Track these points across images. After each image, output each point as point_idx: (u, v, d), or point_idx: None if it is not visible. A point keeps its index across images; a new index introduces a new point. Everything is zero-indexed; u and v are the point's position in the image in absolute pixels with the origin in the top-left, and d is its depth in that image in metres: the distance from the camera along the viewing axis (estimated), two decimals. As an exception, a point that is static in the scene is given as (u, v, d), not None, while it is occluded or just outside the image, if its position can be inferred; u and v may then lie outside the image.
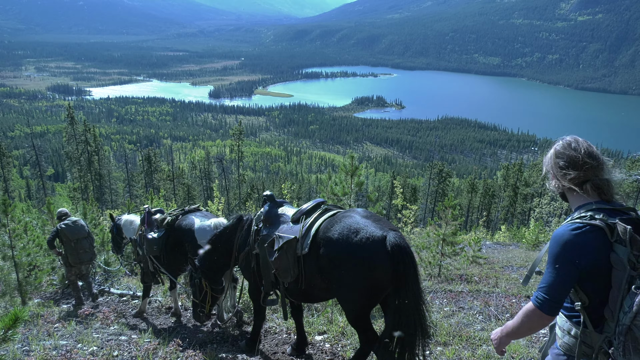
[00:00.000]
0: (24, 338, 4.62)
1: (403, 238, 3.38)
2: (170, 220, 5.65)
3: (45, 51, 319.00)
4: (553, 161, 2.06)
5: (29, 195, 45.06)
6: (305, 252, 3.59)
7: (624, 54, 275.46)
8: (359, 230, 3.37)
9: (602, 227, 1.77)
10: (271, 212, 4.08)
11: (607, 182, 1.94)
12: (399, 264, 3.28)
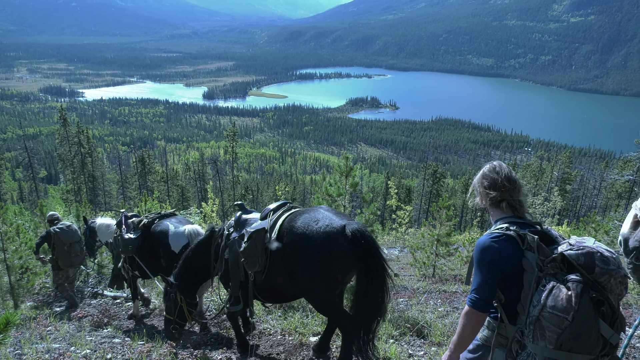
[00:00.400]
0: (16, 341, 4.58)
1: (364, 225, 3.56)
2: (146, 222, 5.75)
3: (38, 53, 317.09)
4: (480, 181, 2.43)
5: (21, 197, 44.71)
6: (272, 239, 3.75)
7: (615, 55, 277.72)
8: (319, 220, 3.60)
9: (515, 237, 2.16)
10: (241, 218, 4.26)
11: (519, 202, 2.34)
12: (361, 248, 3.44)
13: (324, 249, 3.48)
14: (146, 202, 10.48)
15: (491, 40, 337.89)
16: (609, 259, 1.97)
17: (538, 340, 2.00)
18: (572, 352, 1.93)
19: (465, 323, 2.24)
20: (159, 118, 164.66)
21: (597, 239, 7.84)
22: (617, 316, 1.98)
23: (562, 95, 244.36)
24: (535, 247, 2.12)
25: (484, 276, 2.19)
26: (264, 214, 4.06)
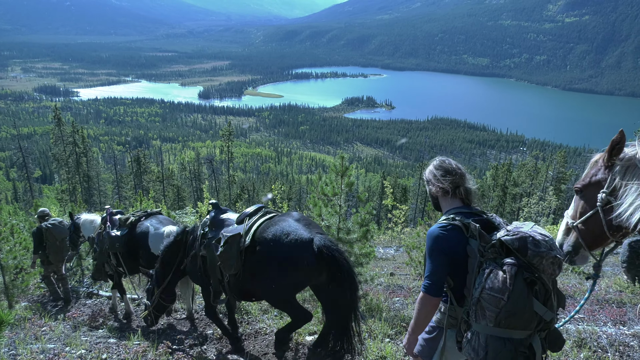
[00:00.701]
0: (10, 342, 4.56)
1: (329, 239, 3.91)
2: (133, 220, 5.94)
3: (32, 52, 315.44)
4: (433, 173, 2.65)
5: (15, 197, 44.50)
6: (246, 245, 4.04)
7: (610, 55, 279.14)
8: (290, 233, 3.90)
9: (460, 226, 2.36)
10: (216, 217, 4.51)
11: (469, 190, 2.57)
12: (325, 262, 3.78)
13: (292, 261, 3.84)
14: (142, 202, 10.45)
15: (486, 40, 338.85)
16: (541, 242, 2.17)
17: (480, 319, 2.19)
18: (509, 328, 2.13)
19: (420, 308, 2.44)
20: (154, 117, 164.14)
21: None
22: (550, 294, 2.18)
23: (557, 95, 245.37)
24: (477, 234, 2.31)
25: (434, 263, 2.38)
26: (240, 218, 4.31)
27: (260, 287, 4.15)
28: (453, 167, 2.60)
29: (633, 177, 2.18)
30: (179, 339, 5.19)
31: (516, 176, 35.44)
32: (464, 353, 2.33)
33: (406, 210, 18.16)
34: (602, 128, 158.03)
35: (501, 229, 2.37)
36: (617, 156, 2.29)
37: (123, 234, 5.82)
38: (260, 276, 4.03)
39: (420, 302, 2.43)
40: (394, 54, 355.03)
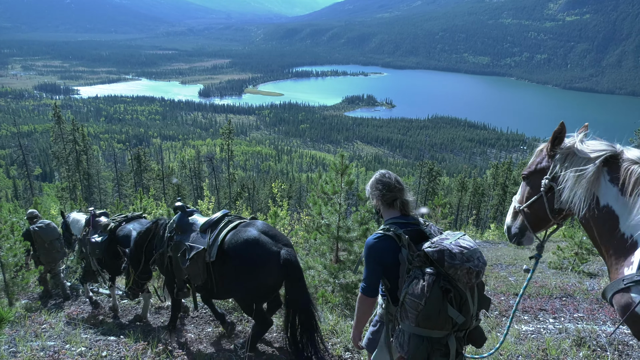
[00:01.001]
0: (10, 339, 4.57)
1: (293, 254, 4.20)
2: (113, 226, 6.06)
3: (32, 50, 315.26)
4: (375, 186, 2.89)
5: (16, 195, 44.51)
6: (212, 259, 4.22)
7: (610, 54, 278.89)
8: (257, 245, 4.10)
9: (393, 236, 2.66)
10: (182, 220, 4.64)
11: (407, 202, 2.85)
12: (288, 275, 4.13)
13: (258, 273, 4.11)
14: (142, 200, 10.47)
15: (487, 39, 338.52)
16: (457, 255, 2.43)
17: (404, 319, 2.52)
18: (427, 328, 2.44)
19: (359, 306, 2.80)
20: (154, 116, 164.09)
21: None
22: (465, 300, 2.46)
23: (557, 93, 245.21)
24: (407, 244, 2.61)
25: (369, 269, 2.70)
26: (204, 227, 4.47)
27: (229, 294, 4.48)
28: (392, 181, 2.86)
29: (571, 164, 2.45)
30: (178, 337, 5.21)
31: (516, 175, 35.42)
32: (394, 346, 2.67)
33: (406, 209, 18.18)
34: (603, 127, 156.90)
35: (432, 238, 2.64)
36: (559, 146, 2.57)
37: (103, 240, 5.93)
38: (228, 286, 4.29)
39: (358, 301, 2.80)
40: (394, 53, 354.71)
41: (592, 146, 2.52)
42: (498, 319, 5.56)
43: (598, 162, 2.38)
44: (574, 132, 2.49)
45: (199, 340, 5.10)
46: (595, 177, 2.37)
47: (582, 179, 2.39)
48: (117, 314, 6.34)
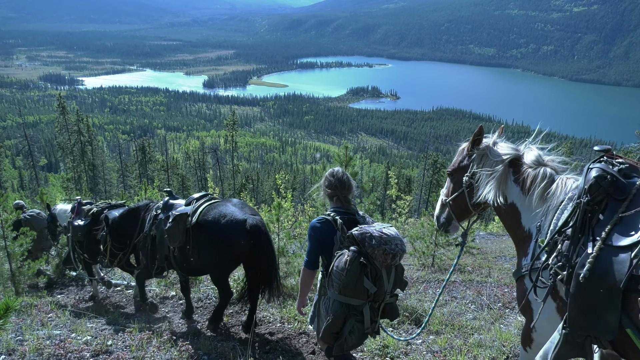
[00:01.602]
0: (17, 328, 4.62)
1: (260, 220, 4.63)
2: (95, 211, 6.29)
3: (37, 40, 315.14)
4: (323, 182, 3.41)
5: (22, 185, 44.74)
6: (192, 224, 4.66)
7: (618, 46, 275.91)
8: (227, 215, 4.57)
9: (331, 221, 3.18)
10: (168, 202, 5.13)
11: (345, 198, 3.35)
12: (256, 238, 4.51)
13: (227, 238, 4.51)
14: (146, 191, 10.50)
15: (493, 30, 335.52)
16: (375, 237, 2.91)
17: (331, 288, 3.02)
18: (347, 296, 2.95)
19: (301, 278, 3.36)
20: (159, 107, 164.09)
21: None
22: (380, 275, 2.96)
23: (563, 85, 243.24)
24: (340, 228, 3.12)
25: (311, 246, 3.23)
26: (188, 202, 4.96)
27: (204, 262, 4.75)
28: (340, 177, 3.34)
29: (485, 164, 2.84)
30: (182, 326, 5.25)
31: (521, 167, 35.29)
32: (322, 312, 3.16)
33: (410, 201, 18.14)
34: (609, 119, 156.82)
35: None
36: (477, 147, 2.95)
37: (85, 224, 6.14)
38: (203, 252, 4.65)
39: (302, 273, 3.33)
40: (399, 44, 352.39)
41: (501, 149, 2.88)
42: (501, 311, 5.57)
43: (503, 165, 2.76)
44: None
45: (203, 330, 5.14)
46: (503, 177, 2.77)
47: (493, 178, 2.78)
48: (97, 299, 6.53)
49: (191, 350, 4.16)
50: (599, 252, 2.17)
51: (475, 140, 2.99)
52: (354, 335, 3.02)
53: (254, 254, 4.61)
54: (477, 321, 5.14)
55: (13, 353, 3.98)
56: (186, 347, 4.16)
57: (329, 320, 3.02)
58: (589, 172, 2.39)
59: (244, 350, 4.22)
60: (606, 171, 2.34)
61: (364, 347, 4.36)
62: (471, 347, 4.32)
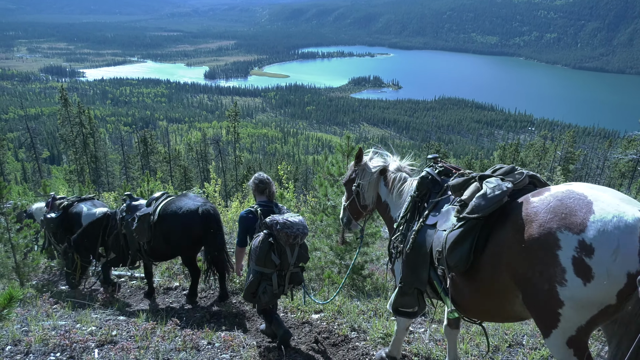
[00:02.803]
0: (23, 319, 4.65)
1: (211, 206, 5.63)
2: (66, 204, 6.86)
3: (37, 32, 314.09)
4: (252, 183, 4.60)
5: (24, 178, 44.86)
6: (154, 221, 5.53)
7: (622, 33, 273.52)
8: (182, 207, 5.52)
9: (254, 212, 4.34)
10: (130, 204, 5.94)
11: (270, 192, 4.55)
12: (207, 223, 5.49)
13: (186, 226, 5.46)
14: (149, 183, 10.51)
15: (496, 18, 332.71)
16: (280, 224, 3.94)
17: (251, 261, 4.06)
18: (260, 266, 3.98)
19: (235, 253, 4.64)
20: (160, 98, 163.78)
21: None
22: (284, 251, 3.99)
23: (567, 73, 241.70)
24: (259, 217, 4.26)
25: (240, 230, 4.46)
26: (149, 202, 5.79)
27: (171, 249, 5.70)
28: (263, 178, 4.57)
29: (364, 176, 3.81)
30: (187, 316, 5.28)
31: (524, 156, 35.19)
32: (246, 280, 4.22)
33: (412, 191, 18.06)
34: (612, 107, 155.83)
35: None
36: (359, 163, 3.90)
37: (57, 216, 6.70)
38: (169, 241, 5.53)
39: (235, 250, 4.64)
40: (401, 33, 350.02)
41: (374, 163, 3.83)
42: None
43: (375, 174, 3.76)
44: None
45: (206, 319, 5.17)
46: (376, 183, 3.77)
47: (370, 185, 3.79)
48: (74, 289, 6.63)
49: (195, 340, 4.19)
50: (419, 229, 3.13)
51: (357, 159, 3.93)
52: (266, 294, 4.02)
53: (208, 234, 5.52)
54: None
55: (19, 344, 4.02)
56: (190, 337, 4.19)
57: (248, 283, 4.06)
58: (419, 174, 3.37)
59: (248, 340, 4.25)
60: (429, 173, 3.30)
61: (367, 336, 4.39)
62: (473, 335, 4.34)
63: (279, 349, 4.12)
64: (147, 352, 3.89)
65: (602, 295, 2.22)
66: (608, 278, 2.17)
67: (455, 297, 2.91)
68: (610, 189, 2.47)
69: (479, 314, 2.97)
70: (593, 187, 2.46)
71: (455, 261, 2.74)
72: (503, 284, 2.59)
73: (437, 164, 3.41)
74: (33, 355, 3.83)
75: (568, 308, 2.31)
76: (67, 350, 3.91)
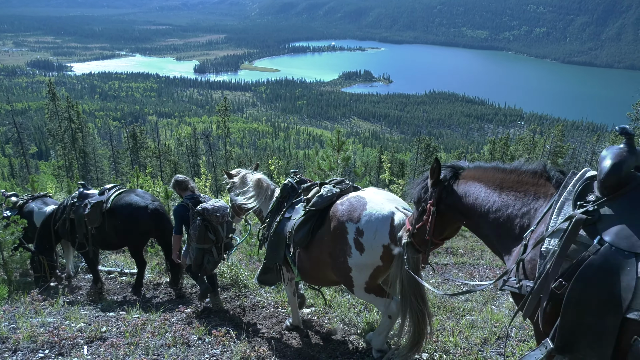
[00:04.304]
0: (10, 316, 4.61)
1: (158, 204, 6.21)
2: (21, 203, 7.22)
3: (23, 25, 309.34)
4: (173, 184, 5.55)
5: (12, 173, 44.25)
6: (106, 209, 6.05)
7: (610, 27, 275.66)
8: (132, 202, 6.05)
9: (185, 205, 5.21)
10: (83, 192, 6.40)
11: (191, 187, 5.52)
12: (157, 221, 6.07)
13: (134, 220, 5.98)
14: (138, 178, 10.44)
15: (486, 12, 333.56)
16: (208, 209, 5.00)
17: (192, 242, 5.10)
18: (200, 243, 5.01)
19: (173, 240, 5.48)
20: (149, 92, 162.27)
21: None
22: (217, 229, 5.09)
23: (556, 68, 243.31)
24: (190, 208, 5.15)
25: (175, 221, 5.27)
26: (102, 191, 6.31)
27: (120, 239, 6.25)
28: (182, 179, 5.57)
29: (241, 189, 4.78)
30: (177, 312, 5.27)
31: (513, 150, 35.41)
32: (191, 254, 5.19)
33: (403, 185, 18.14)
34: (601, 101, 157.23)
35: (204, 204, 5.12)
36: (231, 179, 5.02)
37: (13, 214, 6.87)
38: (117, 231, 6.05)
39: (172, 238, 5.48)
40: (391, 27, 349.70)
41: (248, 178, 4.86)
42: (493, 292, 5.63)
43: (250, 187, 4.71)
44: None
45: (197, 314, 5.16)
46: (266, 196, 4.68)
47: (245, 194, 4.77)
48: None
49: (185, 335, 4.17)
50: (280, 220, 4.18)
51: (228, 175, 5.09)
52: (210, 263, 5.15)
53: (157, 230, 6.14)
54: (469, 303, 5.20)
55: (6, 341, 3.98)
56: (180, 332, 4.18)
57: (193, 259, 5.12)
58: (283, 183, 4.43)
59: (239, 335, 4.25)
60: (289, 182, 4.36)
61: (358, 330, 4.40)
62: (463, 328, 4.37)
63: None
64: (137, 348, 3.87)
65: (371, 260, 3.50)
66: (372, 249, 3.46)
67: (299, 267, 3.98)
68: (385, 193, 3.81)
69: (313, 279, 4.14)
70: (377, 192, 3.77)
71: (299, 238, 3.87)
72: (324, 257, 3.75)
73: (296, 176, 4.46)
74: (21, 352, 3.80)
75: (355, 271, 3.57)
76: (56, 347, 3.88)
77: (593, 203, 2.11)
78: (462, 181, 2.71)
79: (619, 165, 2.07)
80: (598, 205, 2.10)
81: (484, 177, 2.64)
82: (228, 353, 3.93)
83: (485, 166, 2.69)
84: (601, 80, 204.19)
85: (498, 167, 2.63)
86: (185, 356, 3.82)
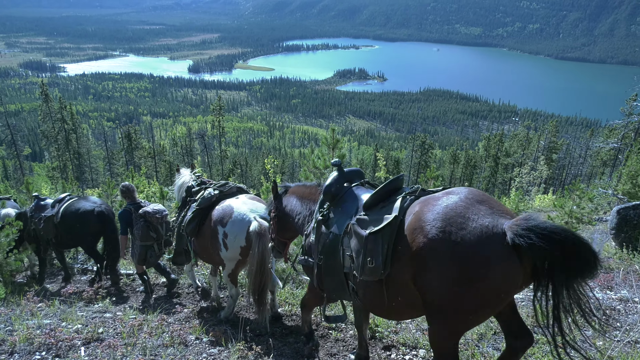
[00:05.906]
0: (7, 318, 4.58)
1: (105, 207, 6.78)
2: None
3: (15, 26, 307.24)
4: (121, 190, 6.30)
5: (6, 175, 43.97)
6: (57, 221, 6.63)
7: (603, 23, 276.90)
8: (80, 208, 6.64)
9: (128, 210, 6.10)
10: (38, 204, 7.05)
11: (135, 194, 6.36)
12: (102, 222, 6.63)
13: (84, 223, 6.59)
14: (133, 178, 10.40)
15: (479, 9, 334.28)
16: (149, 212, 5.87)
17: (136, 240, 5.93)
18: (144, 242, 5.92)
19: (120, 240, 6.31)
20: (144, 93, 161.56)
21: (582, 206, 8.07)
22: (157, 228, 5.91)
23: (549, 64, 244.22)
24: (133, 212, 5.97)
25: (121, 224, 6.09)
26: (53, 204, 6.87)
27: (74, 240, 6.86)
28: (128, 187, 6.26)
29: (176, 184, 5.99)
30: (174, 312, 5.26)
31: (508, 146, 35.54)
32: (135, 251, 6.02)
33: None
34: (594, 97, 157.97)
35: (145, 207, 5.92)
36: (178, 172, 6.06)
37: None
38: (72, 235, 6.70)
39: (120, 239, 6.32)
40: (385, 25, 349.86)
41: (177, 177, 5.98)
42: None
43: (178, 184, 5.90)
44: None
45: (194, 314, 5.16)
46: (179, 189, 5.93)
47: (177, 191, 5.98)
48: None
49: (183, 335, 4.17)
50: (184, 214, 5.20)
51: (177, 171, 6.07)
52: (153, 257, 5.97)
53: (104, 230, 6.68)
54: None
55: (3, 343, 3.96)
56: (178, 332, 4.17)
57: (138, 255, 5.91)
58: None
59: (236, 334, 4.24)
60: (191, 184, 5.48)
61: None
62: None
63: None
64: (134, 348, 3.86)
65: (233, 255, 4.66)
66: (234, 248, 4.60)
67: (194, 250, 5.16)
68: (251, 203, 4.75)
69: (206, 260, 5.32)
70: (245, 202, 4.75)
71: (189, 230, 4.97)
72: (208, 246, 4.83)
73: (199, 178, 5.63)
74: (18, 354, 3.78)
75: (226, 261, 4.76)
76: (53, 348, 3.87)
77: (326, 209, 3.30)
78: (287, 195, 3.97)
79: (330, 186, 3.33)
80: (327, 210, 3.30)
81: (297, 191, 3.91)
82: (226, 352, 3.94)
83: (300, 184, 3.99)
84: (594, 76, 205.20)
85: (305, 184, 3.96)
86: (182, 356, 3.82)
